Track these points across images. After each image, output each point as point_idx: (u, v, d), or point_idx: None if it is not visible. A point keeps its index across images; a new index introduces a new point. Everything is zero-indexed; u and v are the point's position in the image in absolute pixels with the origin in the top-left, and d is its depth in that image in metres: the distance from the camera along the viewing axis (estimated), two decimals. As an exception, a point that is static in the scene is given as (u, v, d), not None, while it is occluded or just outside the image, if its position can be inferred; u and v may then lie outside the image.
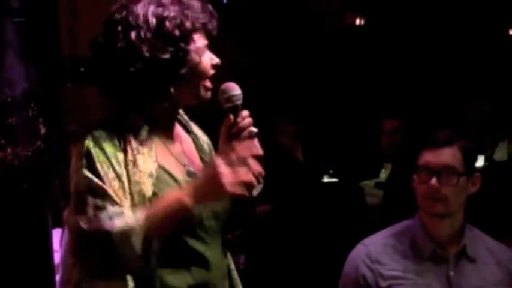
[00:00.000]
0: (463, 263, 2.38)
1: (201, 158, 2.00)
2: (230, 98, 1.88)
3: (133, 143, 1.80)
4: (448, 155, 2.32)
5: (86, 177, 1.73)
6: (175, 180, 1.84)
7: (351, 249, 2.52)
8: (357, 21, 7.47)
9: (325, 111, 6.75)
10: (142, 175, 1.77)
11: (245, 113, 1.89)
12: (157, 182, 1.79)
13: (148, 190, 1.77)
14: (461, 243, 2.38)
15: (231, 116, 1.87)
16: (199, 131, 2.07)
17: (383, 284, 2.35)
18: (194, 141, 2.02)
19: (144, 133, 1.83)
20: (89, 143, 1.76)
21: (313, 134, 5.75)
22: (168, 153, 1.89)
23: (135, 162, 1.78)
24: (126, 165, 1.77)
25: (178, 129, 1.99)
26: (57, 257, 3.31)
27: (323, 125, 6.51)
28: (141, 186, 1.76)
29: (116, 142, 1.78)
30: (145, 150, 1.81)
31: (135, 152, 1.79)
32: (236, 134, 1.87)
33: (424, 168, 2.33)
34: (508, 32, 8.03)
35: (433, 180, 2.28)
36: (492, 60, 7.54)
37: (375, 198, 4.61)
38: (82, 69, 4.59)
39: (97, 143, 1.76)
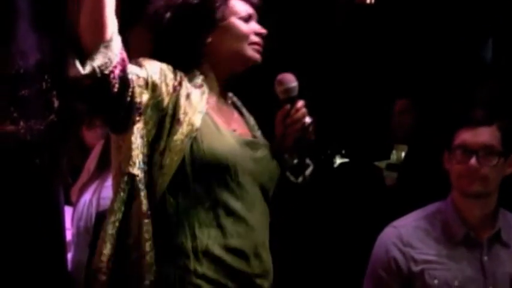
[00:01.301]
0: (496, 248, 2.31)
1: (252, 135, 2.00)
2: (287, 90, 1.92)
3: (188, 84, 1.82)
4: (487, 134, 2.24)
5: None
6: (218, 129, 1.83)
7: (372, 231, 2.44)
8: (368, 0, 7.39)
9: (335, 91, 6.66)
10: (194, 108, 1.77)
11: (300, 103, 1.93)
12: (203, 122, 1.79)
13: (198, 122, 1.77)
14: (495, 227, 2.31)
15: (287, 107, 1.92)
16: (250, 117, 2.08)
17: (415, 268, 2.27)
18: (246, 122, 2.03)
19: (198, 80, 1.85)
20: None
21: (325, 113, 5.67)
22: (219, 112, 1.89)
23: (188, 96, 1.78)
24: (178, 95, 1.77)
25: (232, 107, 2.01)
26: (68, 235, 3.23)
27: (334, 105, 6.43)
28: (191, 116, 1.76)
29: (175, 72, 1.81)
30: (198, 91, 1.82)
31: (190, 90, 1.80)
32: (291, 124, 1.91)
33: (462, 147, 2.24)
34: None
35: (473, 160, 2.19)
36: (507, 42, 7.45)
37: (388, 180, 4.54)
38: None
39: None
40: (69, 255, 3.19)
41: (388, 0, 7.09)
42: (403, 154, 4.69)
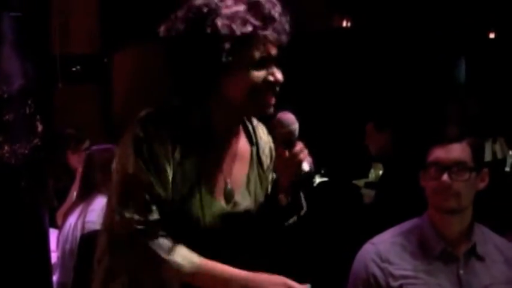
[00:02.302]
0: (472, 262, 2.35)
1: (249, 171, 1.95)
2: (291, 132, 1.80)
3: (184, 145, 1.76)
4: (458, 151, 2.30)
5: (139, 166, 1.70)
6: (211, 197, 1.82)
7: (350, 248, 2.49)
8: (344, 24, 7.50)
9: (313, 112, 6.73)
10: (185, 179, 1.76)
11: (300, 145, 1.82)
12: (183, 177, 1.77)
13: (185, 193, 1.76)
14: (470, 242, 2.36)
15: (285, 149, 1.81)
16: (265, 135, 2.02)
17: (394, 283, 2.31)
18: (251, 154, 1.96)
19: (196, 136, 1.79)
20: (139, 133, 1.72)
21: (303, 133, 5.72)
22: (215, 165, 1.85)
23: (181, 164, 1.75)
24: (173, 158, 1.74)
25: (240, 139, 1.93)
26: (53, 258, 3.25)
27: (312, 125, 6.49)
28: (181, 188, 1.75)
29: (168, 145, 1.74)
30: (193, 156, 1.78)
31: (184, 155, 1.76)
32: (291, 166, 1.81)
33: (435, 164, 2.30)
34: (488, 35, 8.11)
35: (445, 176, 2.25)
36: (477, 62, 7.58)
37: (366, 198, 4.61)
38: (74, 69, 4.51)
39: (148, 139, 1.72)
40: (55, 278, 3.22)
41: (365, 24, 7.23)
42: (380, 172, 4.77)
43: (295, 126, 1.81)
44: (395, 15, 7.02)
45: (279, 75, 1.79)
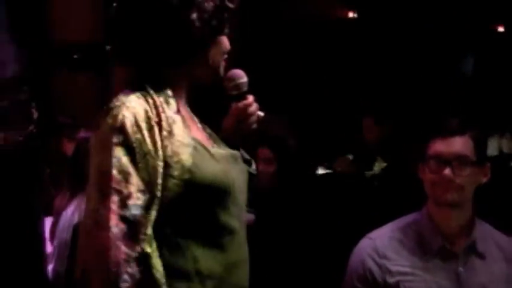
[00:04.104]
0: (472, 259, 2.29)
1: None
2: (238, 86, 1.90)
3: (167, 111, 1.72)
4: (460, 144, 2.23)
5: (117, 157, 1.62)
6: (208, 151, 1.77)
7: (349, 242, 2.44)
8: (349, 15, 7.44)
9: (316, 102, 6.69)
10: (180, 145, 1.69)
11: (251, 98, 1.91)
12: (194, 151, 1.71)
13: (188, 159, 1.69)
14: (470, 238, 2.29)
15: (241, 102, 1.91)
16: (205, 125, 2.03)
17: (391, 280, 2.26)
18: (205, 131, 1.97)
19: (172, 101, 1.75)
20: (123, 116, 1.65)
21: (306, 125, 5.70)
22: (195, 127, 1.85)
23: (170, 132, 1.69)
24: (161, 139, 1.67)
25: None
26: (48, 247, 3.22)
27: (315, 116, 6.45)
28: (180, 157, 1.68)
29: (150, 113, 1.68)
30: (178, 118, 1.73)
31: (170, 120, 1.71)
32: (246, 118, 1.91)
33: (435, 157, 2.24)
34: (496, 28, 8.03)
35: (447, 170, 2.19)
36: (485, 56, 7.51)
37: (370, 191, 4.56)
38: (75, 56, 4.47)
39: (132, 116, 1.65)
40: (50, 267, 3.19)
41: (369, 14, 7.17)
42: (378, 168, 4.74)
43: (243, 79, 1.90)
44: (401, 7, 6.96)
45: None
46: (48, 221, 3.35)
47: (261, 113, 1.94)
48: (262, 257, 3.01)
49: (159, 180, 1.65)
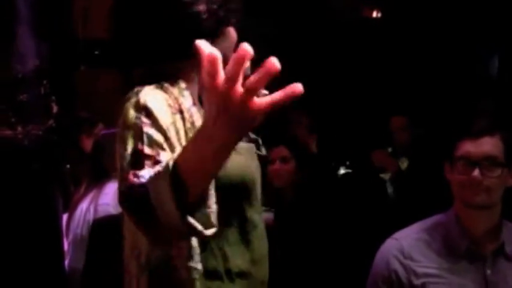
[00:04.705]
0: (500, 261, 2.24)
1: None
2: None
3: (185, 103, 1.65)
4: (489, 145, 2.17)
5: (148, 134, 1.50)
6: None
7: (373, 242, 2.39)
8: (374, 14, 7.38)
9: (340, 103, 6.65)
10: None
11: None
12: None
13: None
14: (499, 240, 2.24)
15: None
16: None
17: (416, 281, 2.21)
18: None
19: (187, 93, 1.69)
20: (144, 100, 1.56)
21: (329, 126, 5.66)
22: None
23: (193, 124, 1.63)
24: (185, 130, 1.60)
25: None
26: (64, 244, 3.20)
27: (339, 117, 6.41)
28: None
29: (170, 101, 1.62)
30: (195, 110, 1.67)
31: (190, 112, 1.64)
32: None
33: (464, 158, 2.18)
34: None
35: (476, 172, 2.13)
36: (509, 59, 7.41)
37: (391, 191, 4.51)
38: (96, 52, 4.44)
39: (154, 100, 1.57)
40: (65, 263, 3.16)
41: (394, 15, 7.10)
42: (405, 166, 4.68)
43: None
44: (426, 8, 6.89)
45: None
46: (65, 218, 3.33)
47: (265, 92, 1.90)
48: (281, 257, 2.98)
49: None
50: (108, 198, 3.15)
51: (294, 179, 3.51)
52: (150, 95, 1.59)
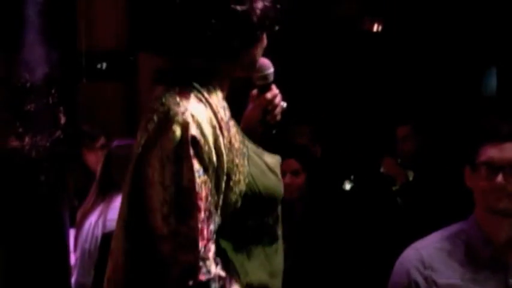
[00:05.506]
0: (523, 270, 2.18)
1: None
2: (265, 76, 1.84)
3: (224, 117, 1.64)
4: None
5: (198, 170, 1.53)
6: (264, 161, 1.72)
7: (385, 255, 2.34)
8: (375, 27, 7.37)
9: (342, 114, 6.62)
10: (238, 155, 1.63)
11: (276, 89, 1.88)
12: (250, 161, 1.66)
13: (246, 171, 1.63)
14: (522, 249, 2.18)
15: (262, 93, 1.87)
16: None
17: (437, 292, 2.15)
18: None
19: (225, 104, 1.69)
20: (190, 124, 1.55)
21: (332, 137, 5.63)
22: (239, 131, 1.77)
23: (230, 142, 1.62)
24: (225, 151, 1.60)
25: None
26: (72, 258, 3.14)
27: (342, 129, 6.38)
28: (239, 169, 1.62)
29: (214, 121, 1.60)
30: (232, 124, 1.68)
31: (228, 128, 1.64)
32: (271, 110, 1.86)
33: (487, 164, 2.13)
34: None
35: (500, 177, 2.08)
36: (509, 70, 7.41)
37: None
38: (99, 65, 4.40)
39: (199, 126, 1.56)
40: (73, 278, 3.11)
41: (394, 28, 7.10)
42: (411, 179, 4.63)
43: (271, 70, 1.86)
44: (425, 21, 6.90)
45: None
46: (72, 232, 3.27)
47: (284, 104, 1.91)
48: (291, 269, 2.93)
49: (222, 195, 1.59)
50: (116, 213, 3.08)
51: (304, 191, 3.47)
52: (195, 117, 1.56)
